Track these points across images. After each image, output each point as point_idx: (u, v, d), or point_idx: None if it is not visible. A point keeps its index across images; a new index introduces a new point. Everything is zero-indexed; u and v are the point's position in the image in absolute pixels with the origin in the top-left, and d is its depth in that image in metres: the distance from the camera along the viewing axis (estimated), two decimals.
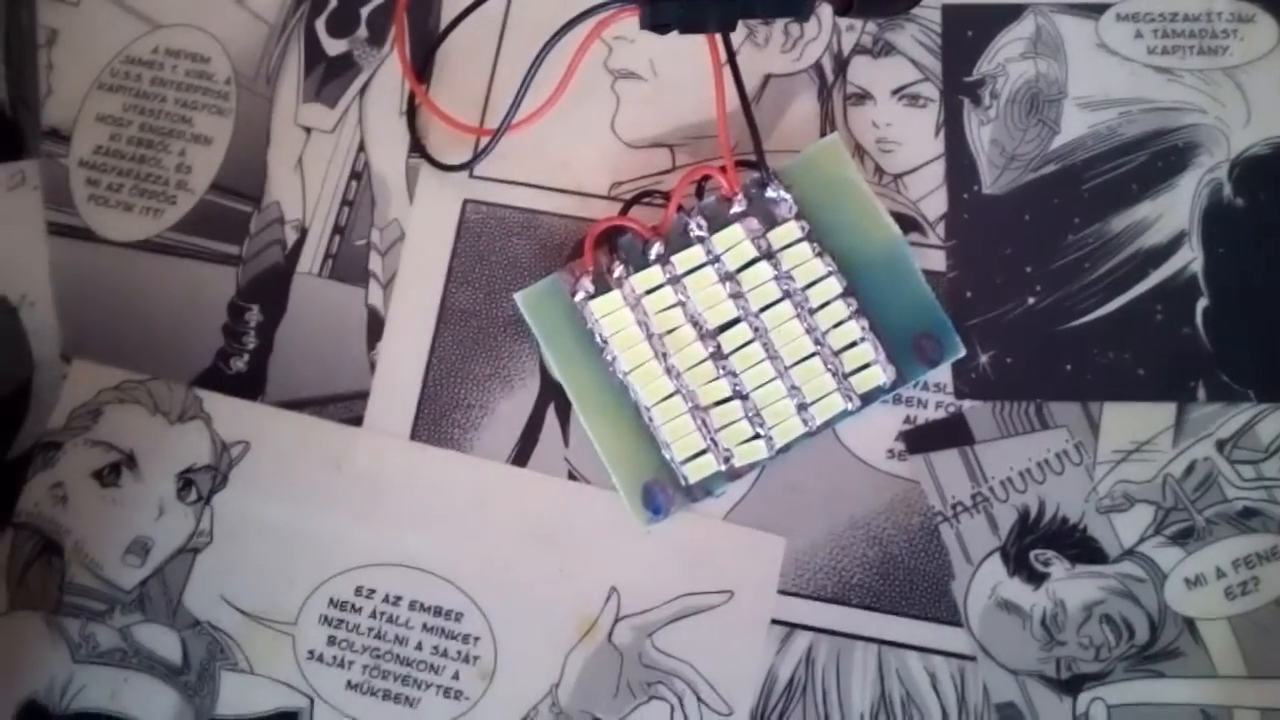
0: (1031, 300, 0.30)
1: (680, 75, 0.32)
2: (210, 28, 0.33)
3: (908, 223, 0.31)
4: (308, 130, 0.32)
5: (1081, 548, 0.28)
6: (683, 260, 0.29)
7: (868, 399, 0.29)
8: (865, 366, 0.29)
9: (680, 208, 0.30)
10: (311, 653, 0.29)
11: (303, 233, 0.32)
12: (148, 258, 0.32)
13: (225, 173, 0.32)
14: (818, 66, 0.32)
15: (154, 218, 0.32)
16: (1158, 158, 0.31)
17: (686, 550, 0.29)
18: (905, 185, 0.31)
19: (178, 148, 0.33)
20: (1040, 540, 0.28)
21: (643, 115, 0.32)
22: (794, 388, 0.29)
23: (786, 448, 0.29)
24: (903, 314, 0.29)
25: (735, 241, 0.29)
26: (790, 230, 0.29)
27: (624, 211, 0.30)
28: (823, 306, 0.29)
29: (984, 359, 0.30)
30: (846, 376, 0.29)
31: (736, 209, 0.30)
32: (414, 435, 0.30)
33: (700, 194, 0.31)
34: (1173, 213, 0.30)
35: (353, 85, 0.33)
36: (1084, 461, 0.29)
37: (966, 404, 0.29)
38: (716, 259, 0.29)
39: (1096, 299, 0.30)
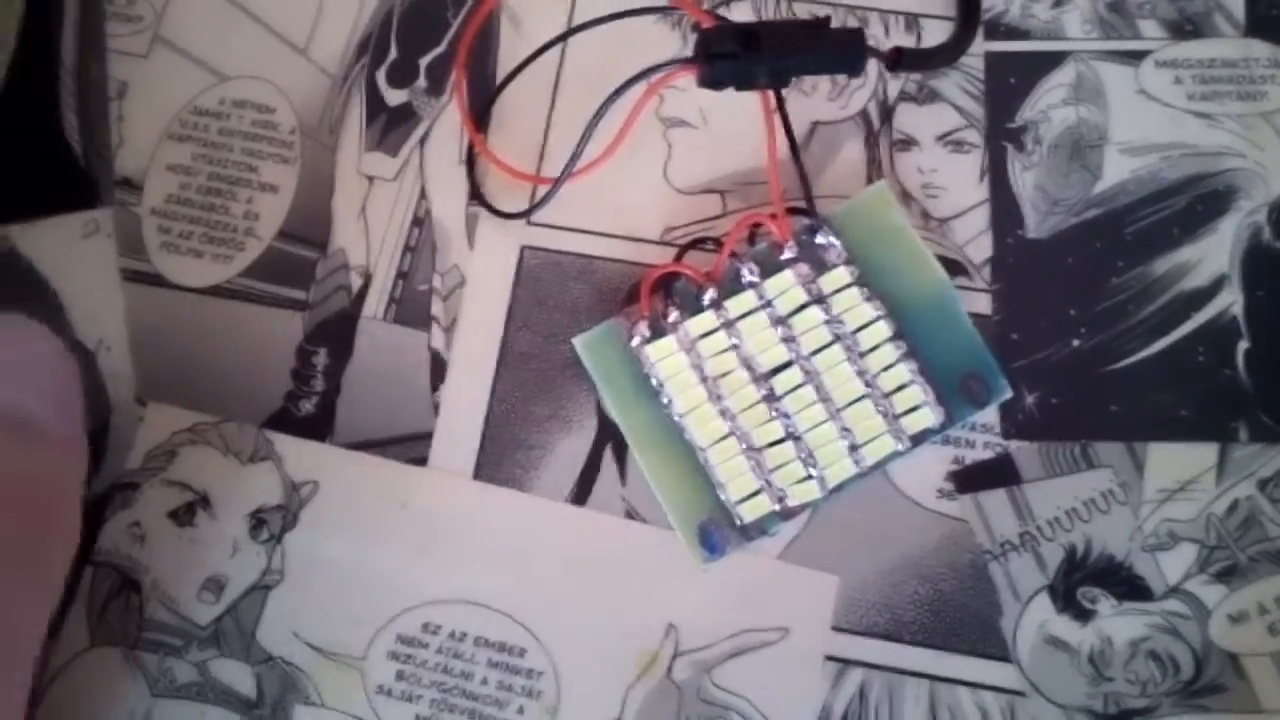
0: (1076, 342, 0.31)
1: (730, 123, 0.33)
2: (275, 79, 0.35)
3: (954, 267, 0.31)
4: (370, 179, 0.34)
5: (1127, 585, 0.29)
6: (735, 305, 0.30)
7: (918, 440, 0.30)
8: (915, 408, 0.30)
9: (733, 254, 0.31)
10: (381, 687, 0.30)
11: (367, 278, 0.33)
12: (218, 303, 0.33)
13: (291, 220, 0.33)
14: (864, 114, 0.33)
15: (223, 264, 0.33)
16: (1198, 202, 0.31)
17: (742, 588, 0.30)
18: (951, 230, 0.32)
19: (245, 196, 0.34)
20: (1087, 578, 0.29)
21: (694, 162, 0.33)
22: (845, 429, 0.30)
23: (839, 488, 0.29)
24: (951, 356, 0.30)
25: (786, 287, 0.30)
26: (840, 275, 0.30)
27: (678, 258, 0.31)
28: (873, 350, 0.30)
29: (1030, 400, 0.30)
30: (897, 418, 0.30)
31: (787, 255, 0.31)
32: (477, 475, 0.31)
33: (752, 240, 0.31)
34: (1213, 256, 0.31)
35: (413, 135, 0.34)
36: (1129, 501, 0.30)
37: (1014, 444, 0.30)
38: (768, 304, 0.30)
39: (1140, 341, 0.31)
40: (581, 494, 0.31)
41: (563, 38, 0.33)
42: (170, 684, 0.30)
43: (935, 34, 0.33)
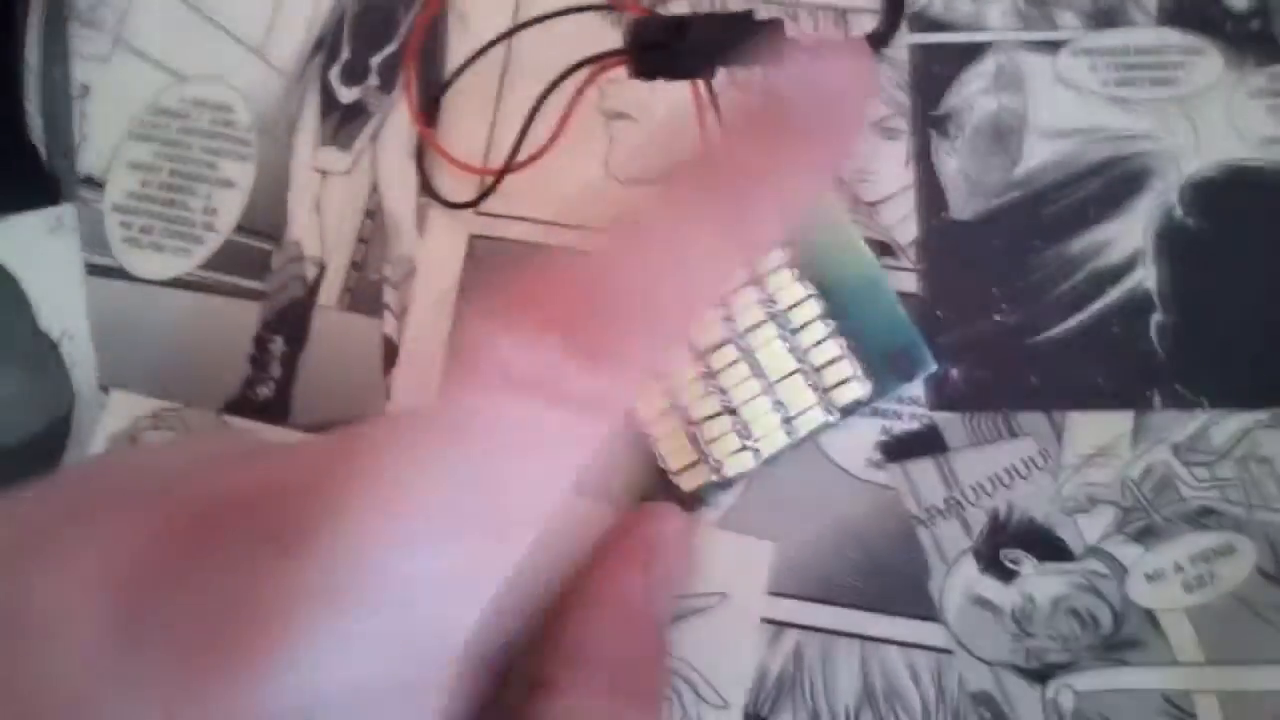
0: (998, 318, 0.32)
1: (668, 115, 0.34)
2: (232, 80, 0.36)
3: (882, 248, 0.33)
4: (324, 173, 0.35)
5: (1048, 546, 0.31)
6: None
7: (847, 411, 0.31)
8: (844, 381, 0.31)
9: None
10: None
11: (321, 268, 0.34)
12: (178, 294, 0.34)
13: (248, 214, 0.35)
14: None
15: (183, 257, 0.35)
16: (1113, 183, 0.33)
17: None
18: (879, 212, 0.33)
19: (204, 191, 0.35)
20: (1010, 540, 0.31)
21: (634, 154, 0.34)
22: (778, 402, 0.31)
23: (773, 458, 0.31)
24: (879, 332, 0.32)
25: None
26: (774, 258, 0.32)
27: None
28: (804, 327, 0.31)
29: (955, 373, 0.32)
30: (827, 391, 0.31)
31: None
32: None
33: None
34: (1128, 234, 0.32)
35: (365, 130, 0.35)
36: (1049, 467, 0.31)
37: (940, 415, 0.32)
38: None
39: (1059, 316, 0.32)
40: None
41: (507, 35, 0.35)
42: None
43: (863, 27, 0.35)
